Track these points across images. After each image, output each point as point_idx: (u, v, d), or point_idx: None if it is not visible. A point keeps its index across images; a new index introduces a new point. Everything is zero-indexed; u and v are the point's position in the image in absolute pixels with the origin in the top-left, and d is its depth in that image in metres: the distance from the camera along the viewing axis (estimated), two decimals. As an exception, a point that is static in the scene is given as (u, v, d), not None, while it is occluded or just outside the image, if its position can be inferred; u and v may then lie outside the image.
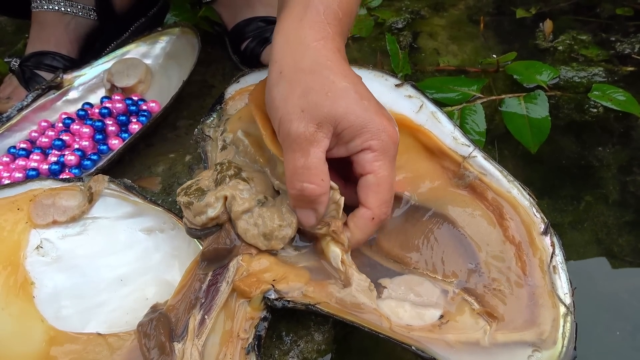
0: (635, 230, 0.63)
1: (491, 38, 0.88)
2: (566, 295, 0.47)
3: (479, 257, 0.50)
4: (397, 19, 0.92)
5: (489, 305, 0.47)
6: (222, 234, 0.49)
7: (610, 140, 0.71)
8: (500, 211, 0.52)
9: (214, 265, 0.49)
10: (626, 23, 0.86)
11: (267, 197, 0.50)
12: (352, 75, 0.48)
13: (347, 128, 0.45)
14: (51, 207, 0.56)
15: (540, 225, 0.50)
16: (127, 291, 0.53)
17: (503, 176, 0.53)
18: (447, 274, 0.50)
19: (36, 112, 0.72)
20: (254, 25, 0.80)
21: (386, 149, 0.46)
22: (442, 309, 0.47)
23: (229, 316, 0.46)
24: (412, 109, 0.58)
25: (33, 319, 0.50)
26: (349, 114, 0.45)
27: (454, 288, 0.48)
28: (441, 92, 0.74)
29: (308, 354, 0.50)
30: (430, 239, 0.51)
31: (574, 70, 0.78)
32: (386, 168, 0.46)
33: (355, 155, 0.47)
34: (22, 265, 0.52)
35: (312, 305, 0.46)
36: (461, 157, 0.54)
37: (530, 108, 0.72)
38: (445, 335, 0.45)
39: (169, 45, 0.78)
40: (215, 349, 0.45)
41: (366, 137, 0.46)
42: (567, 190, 0.67)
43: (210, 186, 0.51)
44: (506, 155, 0.70)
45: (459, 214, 0.52)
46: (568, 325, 0.46)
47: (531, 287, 0.48)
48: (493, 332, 0.46)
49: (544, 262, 0.49)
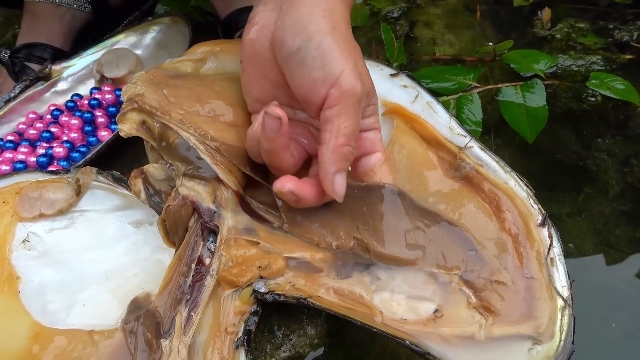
0: (633, 221, 0.62)
1: (488, 27, 0.87)
2: (564, 288, 0.47)
3: (477, 248, 0.49)
4: (393, 8, 0.90)
5: (485, 299, 0.46)
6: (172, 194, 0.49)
7: (609, 130, 0.70)
8: (497, 203, 0.51)
9: (180, 232, 0.48)
10: (625, 11, 0.85)
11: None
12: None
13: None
14: (38, 200, 0.54)
15: (537, 216, 0.50)
16: (115, 285, 0.52)
17: (500, 167, 0.52)
18: (446, 265, 0.49)
19: (24, 104, 0.71)
20: (246, 15, 0.79)
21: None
22: (437, 302, 0.46)
23: (217, 311, 0.45)
24: (407, 99, 0.57)
25: (18, 314, 0.49)
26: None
27: (454, 278, 0.48)
28: (437, 81, 0.73)
29: (300, 348, 0.49)
30: (427, 232, 0.50)
31: (572, 59, 0.77)
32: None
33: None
34: (7, 260, 0.51)
35: (303, 299, 0.45)
36: (457, 148, 0.53)
37: (528, 97, 0.71)
38: (440, 329, 0.45)
39: (160, 35, 0.77)
40: (203, 345, 0.44)
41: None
42: (565, 181, 0.66)
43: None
44: (502, 145, 0.69)
45: (455, 206, 0.51)
46: (566, 319, 0.45)
47: (528, 279, 0.47)
48: (489, 326, 0.45)
49: (541, 254, 0.48)
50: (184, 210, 0.49)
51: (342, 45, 0.44)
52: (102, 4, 0.82)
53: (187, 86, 0.53)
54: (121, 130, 0.50)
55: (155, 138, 0.51)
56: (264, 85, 0.48)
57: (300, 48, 0.43)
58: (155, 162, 0.53)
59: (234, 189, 0.49)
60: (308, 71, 0.43)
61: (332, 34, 0.43)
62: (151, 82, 0.52)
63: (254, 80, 0.49)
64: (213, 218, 0.48)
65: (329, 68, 0.43)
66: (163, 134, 0.50)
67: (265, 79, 0.48)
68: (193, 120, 0.50)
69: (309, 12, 0.44)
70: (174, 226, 0.49)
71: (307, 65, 0.43)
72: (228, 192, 0.49)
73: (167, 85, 0.52)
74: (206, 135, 0.49)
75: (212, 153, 0.49)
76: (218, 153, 0.49)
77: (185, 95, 0.52)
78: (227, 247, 0.47)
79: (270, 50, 0.46)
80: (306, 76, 0.43)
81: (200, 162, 0.50)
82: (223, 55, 0.59)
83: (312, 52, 0.43)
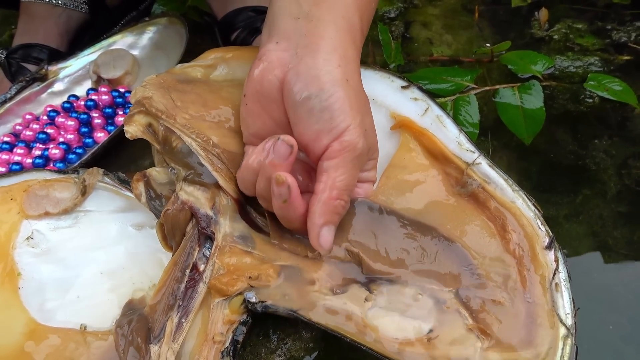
0: (630, 223, 0.62)
1: (486, 28, 0.87)
2: (567, 316, 0.45)
3: (477, 268, 0.48)
4: (390, 8, 0.90)
5: (482, 321, 0.45)
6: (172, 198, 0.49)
7: (606, 132, 0.70)
8: (503, 222, 0.50)
9: (177, 237, 0.48)
10: (623, 11, 0.85)
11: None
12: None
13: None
14: (44, 199, 0.55)
15: (544, 238, 0.48)
16: (113, 286, 0.53)
17: (508, 185, 0.51)
18: (444, 282, 0.47)
19: (20, 105, 0.71)
20: (244, 15, 0.79)
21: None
22: (432, 322, 0.45)
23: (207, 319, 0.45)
24: (417, 111, 0.57)
25: (16, 310, 0.50)
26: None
27: (450, 298, 0.46)
28: (434, 82, 0.73)
29: (295, 352, 0.49)
30: (427, 248, 0.49)
31: (570, 60, 0.77)
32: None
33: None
34: (10, 256, 0.52)
35: (294, 311, 0.44)
36: (465, 164, 0.53)
37: (525, 99, 0.70)
38: (433, 351, 0.43)
39: (157, 36, 0.77)
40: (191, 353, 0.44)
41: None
42: (562, 183, 0.66)
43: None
44: (499, 147, 0.69)
45: (457, 224, 0.50)
46: (567, 349, 0.43)
47: (530, 304, 0.45)
48: (485, 350, 0.43)
49: (545, 279, 0.46)
50: (182, 215, 0.49)
51: (353, 99, 0.44)
52: (99, 5, 0.82)
53: (195, 91, 0.53)
54: (127, 131, 0.51)
55: (159, 141, 0.51)
56: (265, 121, 0.48)
57: (311, 97, 0.43)
58: (159, 165, 0.53)
59: (233, 196, 0.49)
60: (315, 121, 0.43)
61: (345, 87, 0.44)
62: (160, 86, 0.52)
63: (256, 116, 0.48)
64: (210, 224, 0.48)
65: (336, 121, 0.43)
66: (167, 137, 0.50)
67: (268, 116, 0.48)
68: (197, 125, 0.50)
69: (325, 61, 0.44)
70: (172, 230, 0.49)
71: (314, 115, 0.43)
72: (227, 199, 0.49)
73: (175, 89, 0.53)
74: (209, 141, 0.49)
75: (213, 159, 0.49)
76: (219, 160, 0.49)
77: (192, 100, 0.52)
78: (221, 255, 0.47)
79: (279, 90, 0.46)
80: (312, 125, 0.44)
81: (201, 168, 0.50)
82: (234, 62, 0.59)
83: (322, 103, 0.43)
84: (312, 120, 0.44)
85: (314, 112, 0.43)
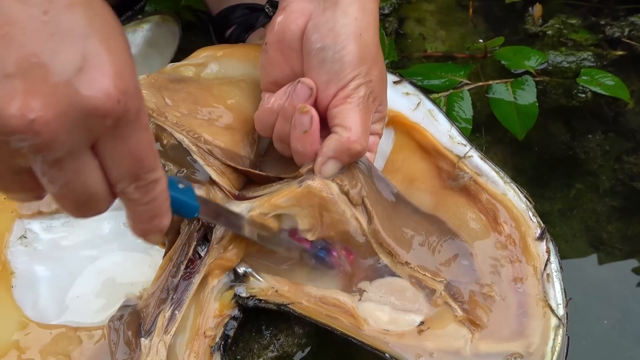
0: (624, 218, 0.62)
1: (480, 24, 0.87)
2: (559, 306, 0.45)
3: (471, 259, 0.48)
4: (384, 4, 0.90)
5: (473, 313, 0.45)
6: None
7: (599, 127, 0.70)
8: (495, 214, 0.50)
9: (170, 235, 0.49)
10: (616, 7, 0.85)
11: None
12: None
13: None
14: (38, 198, 0.55)
15: (536, 230, 0.49)
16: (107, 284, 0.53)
17: (499, 177, 0.52)
18: (436, 272, 0.48)
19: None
20: (239, 12, 0.79)
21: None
22: (423, 315, 0.45)
23: (198, 312, 0.45)
24: (409, 106, 0.57)
25: (9, 309, 0.50)
26: None
27: (441, 289, 0.46)
28: (428, 78, 0.73)
29: (288, 347, 0.49)
30: (423, 237, 0.50)
31: (563, 55, 0.77)
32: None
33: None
34: (3, 254, 0.52)
35: (284, 306, 0.44)
36: (456, 157, 0.53)
37: (518, 94, 0.70)
38: (424, 343, 0.43)
39: (149, 34, 0.77)
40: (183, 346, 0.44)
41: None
42: (556, 178, 0.66)
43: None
44: (492, 142, 0.69)
45: (451, 216, 0.51)
46: (559, 339, 0.43)
47: (521, 295, 0.46)
48: (476, 341, 0.43)
49: (537, 270, 0.47)
50: None
51: (364, 52, 0.46)
52: (94, 4, 0.81)
53: (186, 90, 0.54)
54: None
55: None
56: (283, 69, 0.50)
57: (325, 48, 0.46)
58: None
59: (227, 189, 0.49)
60: (325, 71, 0.46)
61: (357, 41, 0.46)
62: (151, 86, 0.53)
63: (276, 63, 0.50)
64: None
65: (344, 73, 0.46)
66: (158, 135, 0.51)
67: (287, 65, 0.50)
68: (188, 123, 0.50)
69: (344, 13, 0.46)
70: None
71: (325, 66, 0.46)
72: (221, 194, 0.49)
73: (167, 88, 0.53)
74: (199, 138, 0.49)
75: (205, 155, 0.49)
76: (211, 155, 0.49)
77: (183, 99, 0.53)
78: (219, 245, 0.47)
79: (300, 39, 0.48)
80: (322, 75, 0.46)
81: (193, 164, 0.50)
82: (225, 59, 0.59)
83: (334, 55, 0.46)
84: (323, 70, 0.46)
85: (326, 62, 0.46)
